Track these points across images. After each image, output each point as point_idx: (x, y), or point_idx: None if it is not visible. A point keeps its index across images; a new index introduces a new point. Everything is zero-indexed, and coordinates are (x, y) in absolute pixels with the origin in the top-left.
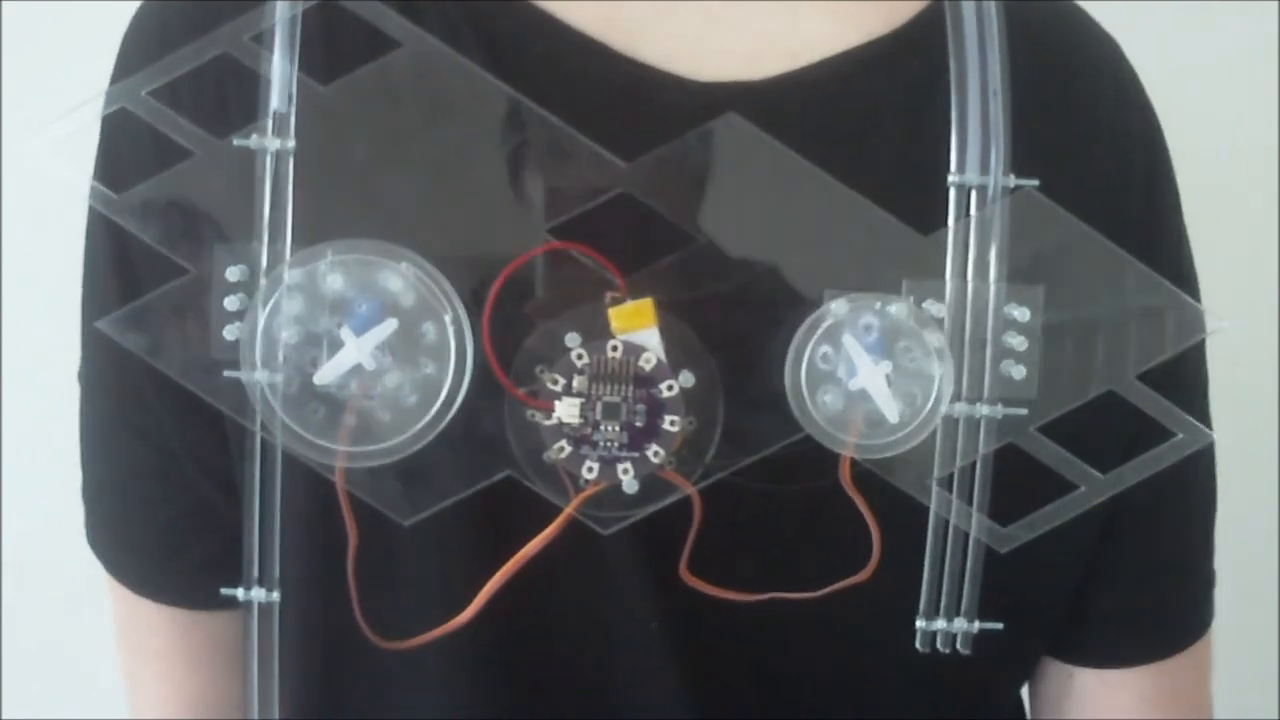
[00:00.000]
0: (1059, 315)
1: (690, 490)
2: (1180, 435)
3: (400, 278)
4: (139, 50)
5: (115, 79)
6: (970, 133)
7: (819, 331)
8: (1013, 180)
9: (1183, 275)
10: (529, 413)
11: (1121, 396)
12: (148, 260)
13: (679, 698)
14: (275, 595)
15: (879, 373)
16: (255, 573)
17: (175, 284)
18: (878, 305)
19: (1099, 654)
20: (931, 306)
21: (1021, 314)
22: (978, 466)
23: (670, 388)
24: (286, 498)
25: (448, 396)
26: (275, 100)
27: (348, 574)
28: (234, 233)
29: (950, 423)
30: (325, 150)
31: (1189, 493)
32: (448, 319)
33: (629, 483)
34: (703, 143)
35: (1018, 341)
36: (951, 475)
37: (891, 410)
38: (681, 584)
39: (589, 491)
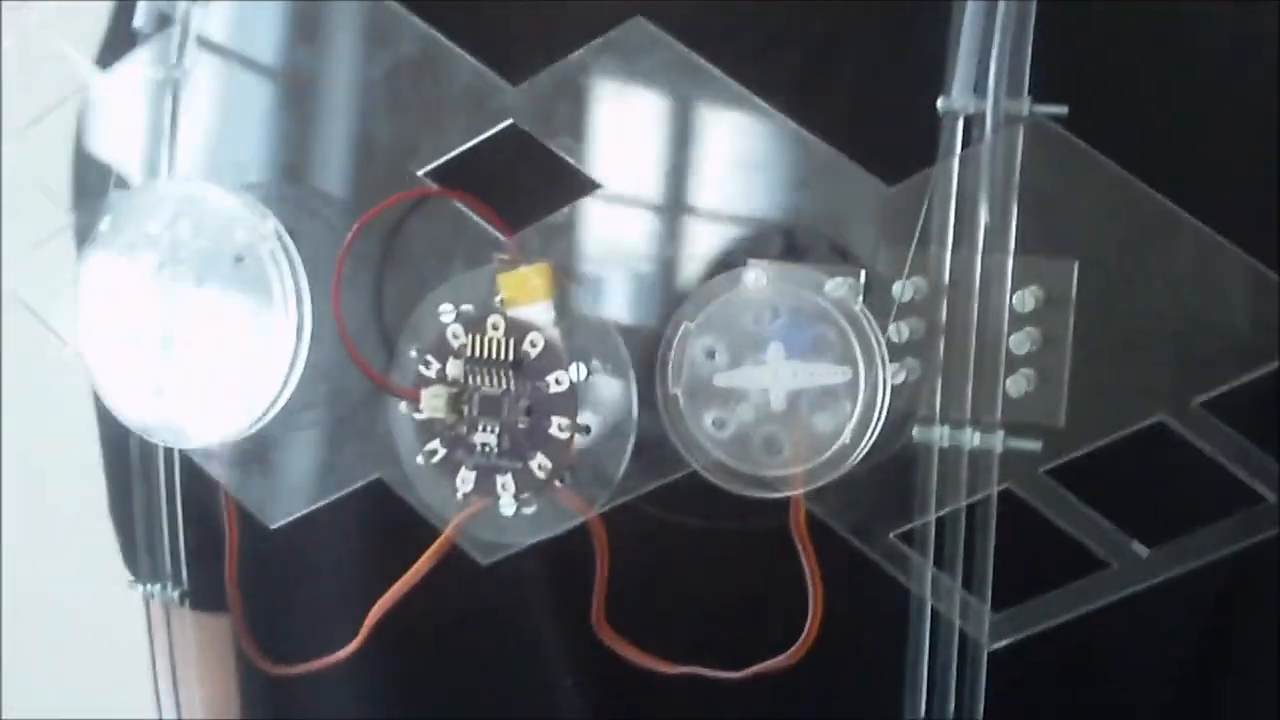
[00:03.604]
0: (1088, 309)
1: (590, 516)
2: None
3: (244, 227)
4: None
5: None
6: (965, 36)
7: (708, 316)
8: (1027, 107)
9: None
10: (400, 404)
11: None
12: None
13: None
14: (173, 593)
15: (798, 375)
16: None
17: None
18: (811, 281)
19: None
20: (900, 286)
21: (1035, 302)
22: (963, 519)
23: (559, 381)
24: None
25: (286, 371)
26: (140, 19)
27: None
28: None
29: (926, 455)
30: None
31: None
32: (288, 275)
33: (507, 501)
34: (605, 56)
35: (1023, 341)
36: (929, 529)
37: (826, 424)
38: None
39: (469, 511)
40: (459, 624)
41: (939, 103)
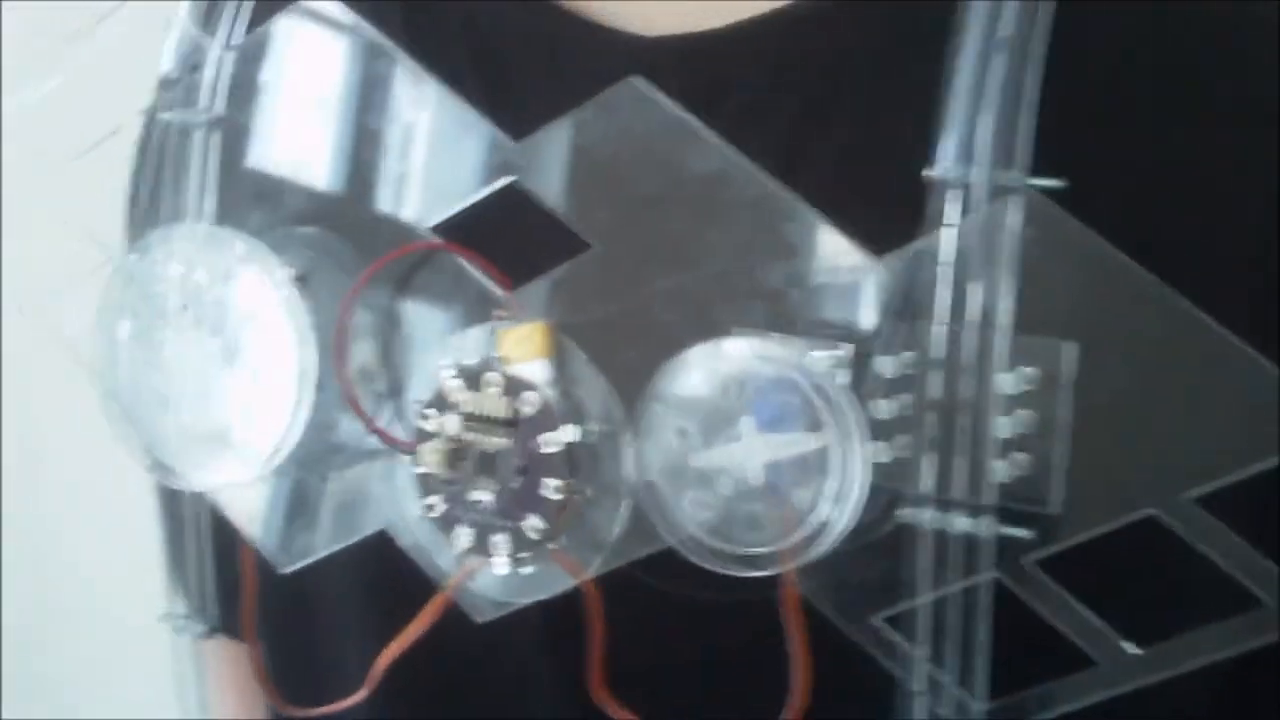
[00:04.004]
0: (1082, 390)
1: (581, 580)
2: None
3: (259, 274)
4: None
5: None
6: (955, 103)
7: (676, 396)
8: (1020, 178)
9: None
10: (406, 456)
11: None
12: None
13: None
14: (200, 628)
15: (771, 448)
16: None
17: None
18: (796, 352)
19: None
20: (884, 363)
21: (1029, 383)
22: (955, 606)
23: (553, 441)
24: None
25: (290, 418)
26: (166, 63)
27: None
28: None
29: (912, 537)
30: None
31: None
32: (297, 324)
33: (501, 561)
34: (599, 115)
35: (1017, 423)
36: (917, 615)
37: (802, 499)
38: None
39: (465, 570)
40: (466, 671)
41: (926, 171)
